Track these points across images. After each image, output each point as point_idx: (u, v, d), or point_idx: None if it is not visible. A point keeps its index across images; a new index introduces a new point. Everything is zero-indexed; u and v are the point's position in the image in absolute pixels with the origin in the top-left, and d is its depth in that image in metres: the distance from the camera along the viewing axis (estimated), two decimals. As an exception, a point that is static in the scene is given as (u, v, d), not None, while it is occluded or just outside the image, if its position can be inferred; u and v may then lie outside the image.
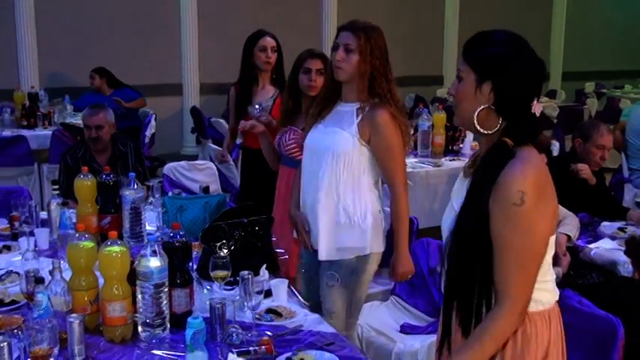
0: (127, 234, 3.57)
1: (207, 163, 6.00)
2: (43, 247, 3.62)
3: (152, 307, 2.60)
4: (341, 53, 3.08)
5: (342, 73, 3.10)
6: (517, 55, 2.02)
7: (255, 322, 2.75)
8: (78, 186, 3.62)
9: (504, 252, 1.94)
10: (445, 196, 5.66)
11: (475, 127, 2.03)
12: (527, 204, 1.90)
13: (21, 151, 6.85)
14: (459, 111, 2.10)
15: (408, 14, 10.27)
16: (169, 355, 2.53)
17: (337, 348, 2.60)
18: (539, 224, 1.96)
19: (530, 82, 2.03)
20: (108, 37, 8.92)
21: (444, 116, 6.14)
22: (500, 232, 1.94)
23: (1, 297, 3.01)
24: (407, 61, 9.78)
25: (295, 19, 9.60)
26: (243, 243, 3.21)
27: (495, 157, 2.00)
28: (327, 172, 3.16)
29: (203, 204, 3.83)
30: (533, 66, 2.03)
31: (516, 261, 1.94)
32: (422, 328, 3.62)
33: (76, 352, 2.47)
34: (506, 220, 1.93)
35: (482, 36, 2.08)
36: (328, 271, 3.25)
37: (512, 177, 1.93)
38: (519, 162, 1.95)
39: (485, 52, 2.04)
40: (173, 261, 2.67)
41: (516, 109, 2.01)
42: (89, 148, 4.60)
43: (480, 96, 2.01)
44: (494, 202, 1.95)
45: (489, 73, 2.00)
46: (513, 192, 1.91)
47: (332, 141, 3.15)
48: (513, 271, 1.94)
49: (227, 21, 8.79)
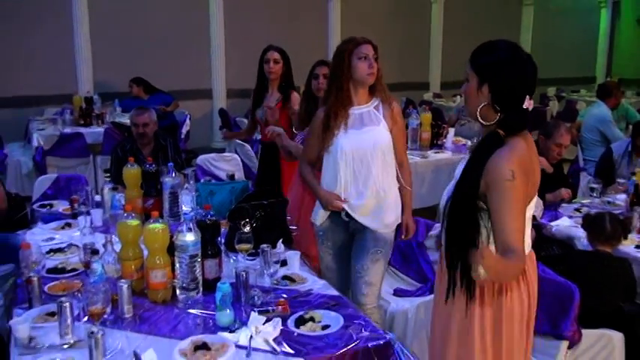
0: (166, 213, 3.58)
1: (233, 155, 5.99)
2: (98, 224, 3.62)
3: (188, 274, 2.60)
4: (373, 62, 3.06)
5: (374, 78, 3.09)
6: (511, 61, 2.07)
7: (273, 287, 2.77)
8: (126, 174, 3.63)
9: (502, 216, 1.99)
10: (431, 182, 5.67)
11: (478, 120, 2.11)
12: (517, 179, 1.98)
13: (79, 145, 6.87)
14: (467, 106, 2.19)
15: (399, 31, 10.22)
16: (202, 313, 2.54)
17: (341, 308, 2.60)
18: (524, 195, 2.04)
19: (521, 83, 2.07)
20: (150, 50, 8.90)
21: (430, 116, 6.15)
22: (499, 204, 2.00)
23: (63, 265, 3.03)
24: (399, 69, 9.78)
25: (305, 33, 9.58)
26: (263, 221, 3.22)
27: (486, 144, 2.07)
28: (378, 165, 3.09)
29: (230, 189, 3.82)
30: (525, 69, 2.07)
31: (514, 223, 1.99)
32: (411, 291, 3.62)
33: (125, 311, 2.49)
34: (503, 193, 1.99)
35: (486, 45, 2.14)
36: (374, 247, 3.15)
37: (502, 160, 2.01)
38: (507, 149, 2.03)
39: (485, 59, 2.10)
40: (205, 236, 2.68)
41: (510, 105, 2.06)
42: (135, 142, 4.61)
43: (481, 95, 2.08)
44: (487, 181, 2.02)
45: (487, 77, 2.07)
46: (506, 171, 1.98)
47: (375, 139, 3.09)
48: (513, 232, 1.98)
49: (249, 36, 8.75)
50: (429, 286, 3.57)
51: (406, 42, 10.39)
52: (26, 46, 8.33)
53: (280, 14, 9.52)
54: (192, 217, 2.72)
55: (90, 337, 2.10)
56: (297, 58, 4.67)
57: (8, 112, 8.28)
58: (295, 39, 8.69)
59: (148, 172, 3.68)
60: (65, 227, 3.70)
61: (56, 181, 4.67)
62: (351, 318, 2.49)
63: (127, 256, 2.68)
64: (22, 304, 2.64)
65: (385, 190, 3.13)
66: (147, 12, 8.94)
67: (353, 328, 2.40)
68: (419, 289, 3.62)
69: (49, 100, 8.37)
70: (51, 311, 2.49)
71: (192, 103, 8.64)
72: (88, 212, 3.63)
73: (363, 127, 3.11)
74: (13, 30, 8.26)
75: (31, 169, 6.68)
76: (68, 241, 3.38)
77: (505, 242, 1.99)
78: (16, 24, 8.27)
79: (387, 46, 8.48)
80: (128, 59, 8.74)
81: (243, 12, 9.35)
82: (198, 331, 2.40)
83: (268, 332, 2.31)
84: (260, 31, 8.10)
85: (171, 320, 2.48)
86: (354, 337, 2.33)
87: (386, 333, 2.41)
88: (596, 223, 3.29)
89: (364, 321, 2.48)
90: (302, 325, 2.42)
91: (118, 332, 2.37)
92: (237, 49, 9.12)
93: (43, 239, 3.42)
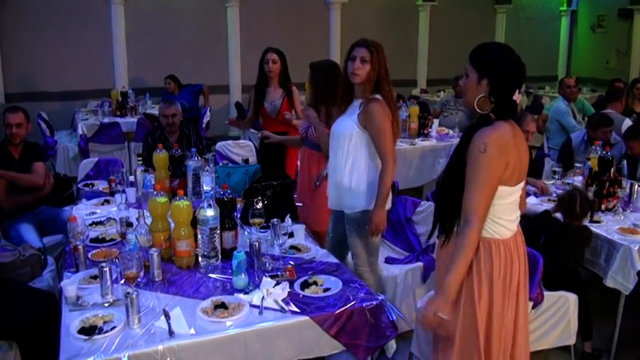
0: (190, 192, 3.57)
1: (247, 142, 5.95)
2: (132, 201, 3.62)
3: (208, 244, 2.61)
4: (357, 63, 2.90)
5: (357, 78, 2.93)
6: (507, 60, 2.06)
7: (281, 255, 2.77)
8: (155, 158, 3.62)
9: (470, 184, 1.99)
10: (418, 166, 5.66)
11: (475, 109, 2.08)
12: (488, 152, 1.96)
13: (115, 133, 6.85)
14: (465, 97, 2.15)
15: (391, 35, 10.09)
16: (221, 277, 2.55)
17: (340, 273, 2.60)
18: (495, 168, 2.00)
19: (515, 78, 2.06)
20: (176, 52, 8.86)
21: (417, 109, 6.10)
22: (468, 173, 2.00)
23: (103, 236, 3.04)
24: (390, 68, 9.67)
25: (309, 36, 9.53)
26: (273, 199, 3.22)
27: (477, 124, 2.06)
28: (340, 150, 3.04)
29: (244, 171, 3.82)
30: (517, 68, 2.07)
31: (476, 191, 1.98)
32: (400, 260, 3.61)
33: (155, 275, 2.50)
34: (473, 162, 1.99)
35: (482, 46, 2.11)
36: (348, 224, 3.11)
37: (481, 135, 2.00)
38: (490, 127, 2.02)
39: (485, 57, 2.07)
40: (223, 211, 2.68)
41: (503, 97, 2.05)
42: (164, 131, 4.57)
43: (480, 88, 2.06)
44: (468, 154, 2.01)
45: (487, 72, 2.04)
46: (479, 143, 1.99)
47: (343, 127, 3.02)
48: (474, 198, 1.98)
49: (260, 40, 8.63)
50: (415, 255, 3.57)
51: (397, 45, 10.29)
52: (73, 48, 8.34)
53: (288, 22, 9.46)
54: (212, 195, 2.71)
55: (126, 296, 2.12)
56: (302, 60, 4.62)
57: (58, 104, 8.29)
58: (300, 43, 8.64)
59: (174, 157, 3.67)
60: (104, 203, 3.71)
61: (97, 164, 4.67)
62: (349, 282, 2.49)
63: (157, 229, 2.68)
64: (70, 268, 2.66)
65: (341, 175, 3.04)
66: (174, 20, 8.91)
67: (350, 291, 2.40)
68: (407, 258, 3.62)
69: (92, 94, 8.35)
70: (94, 274, 2.51)
71: (212, 97, 8.59)
72: (124, 191, 3.62)
73: (345, 117, 3.05)
74: (62, 35, 8.26)
75: (76, 154, 6.67)
76: (107, 215, 3.39)
77: (465, 209, 1.99)
78: (64, 30, 8.27)
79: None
80: (157, 59, 8.72)
81: (256, 20, 9.32)
82: (217, 292, 2.41)
83: (278, 294, 2.32)
84: (270, 36, 8.00)
85: (195, 283, 2.49)
86: (351, 299, 2.33)
87: (378, 295, 2.41)
88: (570, 204, 3.27)
89: (359, 285, 2.48)
90: (306, 288, 2.43)
91: (150, 293, 2.39)
92: (250, 51, 9.04)
93: (86, 213, 3.43)
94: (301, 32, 9.36)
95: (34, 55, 8.16)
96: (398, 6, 10.62)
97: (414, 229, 3.80)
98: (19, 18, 8.04)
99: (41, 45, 8.16)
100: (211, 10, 9.20)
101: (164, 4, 8.89)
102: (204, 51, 9.15)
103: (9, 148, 4.01)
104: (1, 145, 4.05)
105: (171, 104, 4.59)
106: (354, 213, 3.06)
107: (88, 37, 8.43)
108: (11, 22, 8.00)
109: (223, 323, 2.14)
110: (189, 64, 8.86)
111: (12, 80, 8.14)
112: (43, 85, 8.31)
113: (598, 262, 3.31)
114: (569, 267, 3.26)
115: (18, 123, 3.95)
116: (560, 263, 3.20)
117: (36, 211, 3.96)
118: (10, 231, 3.75)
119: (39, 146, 4.27)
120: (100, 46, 8.52)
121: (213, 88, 8.82)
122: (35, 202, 3.97)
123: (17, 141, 3.99)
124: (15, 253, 3.02)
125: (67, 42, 8.30)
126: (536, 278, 2.69)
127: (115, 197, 3.67)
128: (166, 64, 8.38)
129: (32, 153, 4.06)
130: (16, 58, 8.09)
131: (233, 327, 2.14)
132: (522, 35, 11.54)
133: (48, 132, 6.90)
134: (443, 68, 10.38)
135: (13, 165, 3.96)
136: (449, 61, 9.87)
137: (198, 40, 9.10)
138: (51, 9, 8.18)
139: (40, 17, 8.13)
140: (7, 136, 3.99)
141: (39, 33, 8.13)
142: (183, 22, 8.97)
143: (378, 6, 10.41)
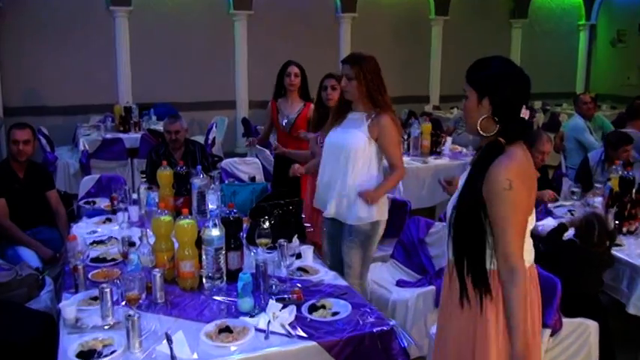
0: (195, 211, 3.58)
1: (254, 159, 5.98)
2: (134, 219, 3.63)
3: (213, 264, 2.60)
4: (344, 81, 3.17)
5: (348, 94, 3.19)
6: (507, 74, 1.96)
7: (288, 277, 2.75)
8: (159, 175, 3.64)
9: (505, 228, 1.87)
10: (431, 185, 5.62)
11: (479, 132, 1.98)
12: (515, 188, 1.86)
13: (118, 149, 6.89)
14: (467, 121, 2.05)
15: (403, 50, 10.17)
16: (226, 300, 2.54)
17: (349, 297, 2.59)
18: (525, 204, 1.92)
19: (518, 94, 1.96)
20: (182, 67, 8.94)
21: (430, 126, 6.13)
22: (498, 213, 1.88)
23: (104, 255, 3.04)
24: (402, 84, 9.72)
25: (318, 51, 9.56)
26: (280, 218, 3.21)
27: (488, 153, 1.94)
28: (345, 161, 3.16)
29: (251, 189, 3.82)
30: (520, 81, 1.96)
31: (515, 233, 1.88)
32: (412, 283, 3.59)
33: (158, 297, 2.49)
34: (502, 202, 1.87)
35: (480, 62, 2.02)
36: (350, 235, 3.23)
37: (500, 169, 1.89)
38: (506, 158, 1.91)
39: (481, 74, 1.98)
40: (229, 231, 2.68)
41: (509, 116, 1.95)
42: (168, 147, 4.60)
43: (482, 108, 1.96)
44: (487, 190, 1.90)
45: (487, 91, 1.95)
46: (503, 180, 1.86)
47: (350, 139, 3.16)
48: (513, 242, 1.88)
49: (268, 55, 8.72)
50: (428, 278, 3.55)
51: (409, 60, 10.35)
52: (75, 62, 8.43)
53: (297, 36, 9.49)
54: (217, 214, 2.71)
55: (127, 319, 2.11)
56: (312, 75, 4.65)
57: (60, 118, 8.38)
58: (310, 58, 8.67)
59: (179, 174, 3.69)
60: (106, 222, 3.71)
61: (98, 181, 4.68)
62: (358, 306, 2.47)
63: (160, 248, 2.68)
64: (69, 289, 2.66)
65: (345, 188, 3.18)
66: (180, 33, 8.98)
67: (360, 315, 2.38)
68: (419, 281, 3.59)
69: (94, 108, 8.42)
70: (94, 296, 2.50)
71: (218, 112, 8.65)
72: (126, 209, 3.63)
73: (347, 129, 3.20)
74: (64, 48, 8.36)
75: (77, 170, 6.71)
76: (108, 234, 3.39)
77: (504, 253, 1.88)
78: (66, 43, 8.37)
79: (392, 63, 8.50)
80: (162, 75, 8.80)
81: (263, 35, 9.37)
82: (222, 315, 2.40)
83: (284, 317, 2.31)
84: (278, 51, 8.07)
85: (198, 306, 2.49)
86: (360, 323, 2.32)
87: (389, 320, 2.39)
88: (587, 233, 3.24)
89: (370, 309, 2.46)
90: (314, 312, 2.42)
91: (152, 315, 2.38)
92: (257, 67, 9.13)
93: (87, 232, 3.44)
94: (311, 47, 9.39)
95: (35, 68, 8.25)
96: (410, 20, 10.67)
97: (427, 251, 3.78)
98: (20, 30, 8.15)
99: (42, 58, 8.26)
100: (218, 24, 9.27)
101: (169, 17, 8.97)
102: (211, 66, 9.21)
103: (13, 167, 4.01)
104: (5, 163, 4.05)
105: (176, 120, 4.61)
106: (364, 224, 3.18)
107: (90, 50, 8.52)
108: (12, 34, 8.11)
109: (228, 348, 2.13)
110: (195, 79, 8.93)
111: (12, 94, 8.23)
112: (44, 99, 8.40)
113: (619, 287, 3.28)
114: (587, 289, 3.22)
115: (25, 140, 3.97)
116: (577, 287, 3.16)
117: (34, 230, 3.98)
118: (7, 250, 3.76)
119: (46, 170, 4.28)
120: (103, 59, 8.60)
121: (220, 104, 8.88)
122: (34, 221, 3.98)
123: (23, 158, 4.00)
124: (11, 273, 3.03)
125: (69, 55, 8.40)
126: (554, 304, 2.66)
127: (117, 215, 3.66)
128: (171, 79, 8.44)
129: (39, 177, 4.06)
130: (16, 71, 8.17)
131: (238, 352, 2.12)
132: (539, 50, 11.58)
133: (48, 147, 6.94)
134: (456, 84, 10.28)
135: (16, 185, 3.97)
136: (462, 77, 9.87)
137: (205, 54, 9.17)
138: (53, 20, 8.28)
139: (41, 29, 8.24)
140: (13, 154, 3.99)
141: (40, 45, 8.24)
142: (189, 35, 9.04)
143: (389, 20, 10.46)
